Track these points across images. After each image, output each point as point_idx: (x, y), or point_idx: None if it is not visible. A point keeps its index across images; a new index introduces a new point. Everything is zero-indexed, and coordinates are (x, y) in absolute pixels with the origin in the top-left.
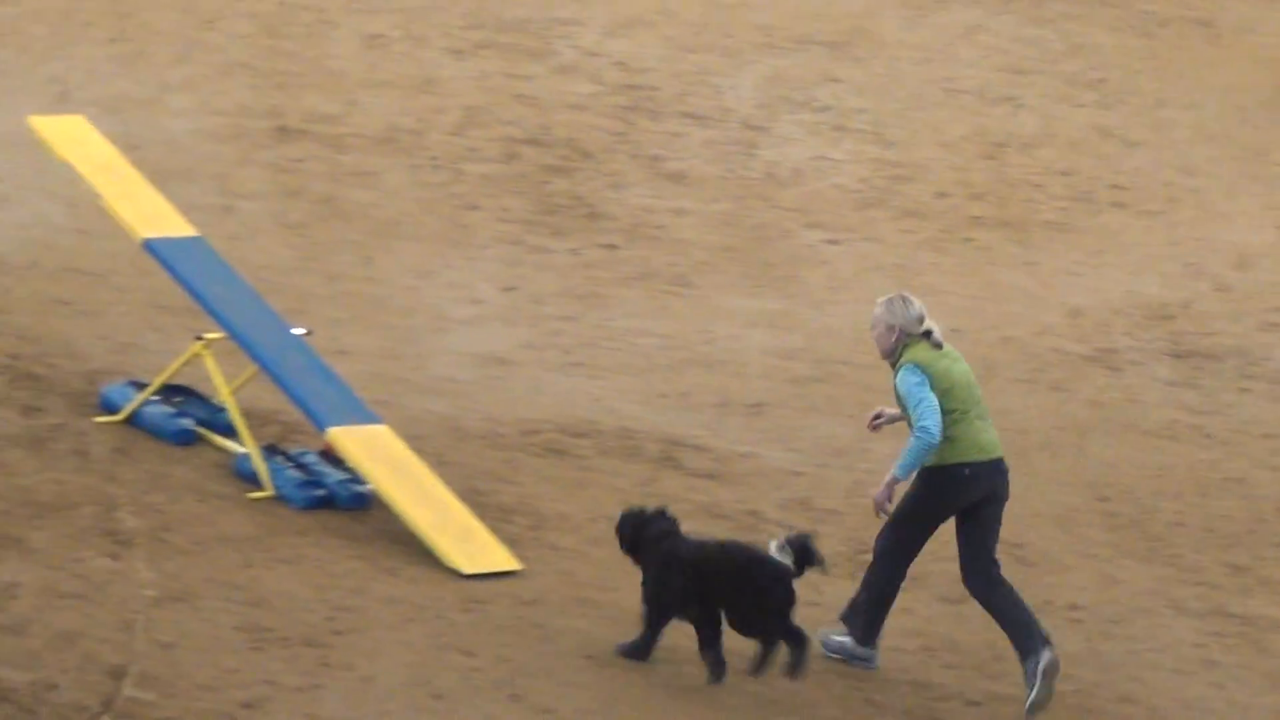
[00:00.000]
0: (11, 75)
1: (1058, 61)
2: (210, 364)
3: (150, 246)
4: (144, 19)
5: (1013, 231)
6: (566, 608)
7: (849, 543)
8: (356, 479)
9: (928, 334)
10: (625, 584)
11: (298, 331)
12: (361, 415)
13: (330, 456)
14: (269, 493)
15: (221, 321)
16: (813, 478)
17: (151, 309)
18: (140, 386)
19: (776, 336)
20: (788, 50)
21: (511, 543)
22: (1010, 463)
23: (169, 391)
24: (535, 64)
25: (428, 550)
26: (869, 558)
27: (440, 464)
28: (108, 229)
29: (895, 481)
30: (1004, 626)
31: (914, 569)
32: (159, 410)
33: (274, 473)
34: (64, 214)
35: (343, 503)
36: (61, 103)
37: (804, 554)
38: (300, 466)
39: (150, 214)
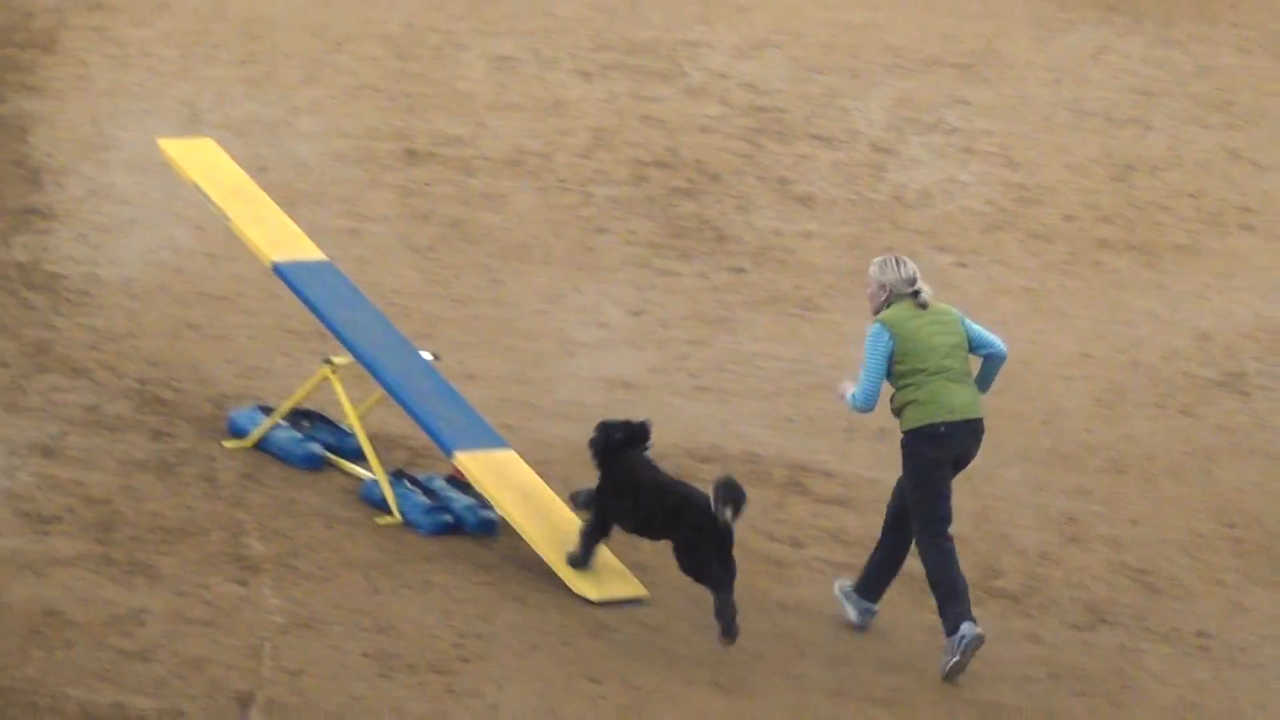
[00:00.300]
0: (141, 97)
1: (1186, 83)
2: (338, 388)
3: (279, 270)
4: (273, 41)
5: (1141, 254)
6: (694, 635)
7: (977, 568)
8: (484, 504)
9: (916, 294)
10: (752, 611)
11: (426, 356)
12: (489, 440)
13: (458, 482)
14: (396, 518)
15: (349, 346)
16: None
17: (280, 333)
18: (268, 411)
19: None
20: (916, 72)
21: (639, 569)
22: (1138, 488)
23: (297, 416)
24: (663, 86)
25: (555, 577)
26: (1000, 584)
27: (568, 489)
28: (236, 252)
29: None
30: (876, 555)
31: (1041, 597)
32: (287, 435)
33: (401, 498)
34: (192, 237)
35: (470, 528)
36: (191, 125)
37: (735, 500)
38: (428, 492)
39: (279, 237)
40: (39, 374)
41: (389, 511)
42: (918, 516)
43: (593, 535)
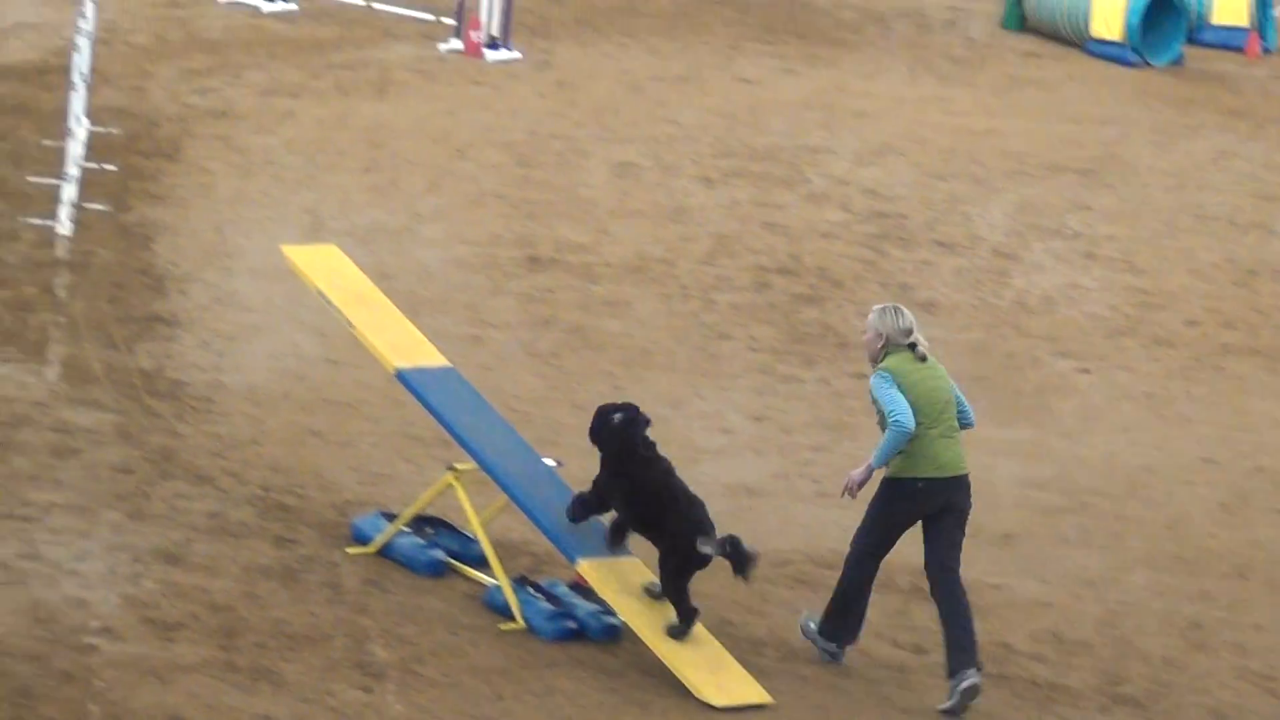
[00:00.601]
0: (266, 205)
1: None
2: (461, 495)
3: (402, 377)
4: (396, 148)
5: (1265, 360)
6: None
7: (1101, 675)
8: (607, 610)
9: (913, 346)
10: (878, 717)
11: (549, 463)
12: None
13: (581, 588)
14: (520, 624)
15: (472, 452)
16: (1063, 609)
17: (403, 439)
18: (391, 517)
19: (1027, 466)
20: (1038, 177)
21: (762, 675)
22: (1263, 593)
23: (420, 523)
24: (785, 192)
25: (679, 683)
26: (1124, 690)
27: (690, 595)
28: (359, 359)
29: (871, 469)
30: (944, 631)
31: (1166, 704)
32: (410, 541)
33: (525, 604)
34: (315, 344)
35: (593, 634)
36: (314, 232)
37: (738, 557)
38: (551, 598)
39: (402, 344)
40: (163, 481)
41: (512, 617)
42: (862, 543)
43: (586, 505)
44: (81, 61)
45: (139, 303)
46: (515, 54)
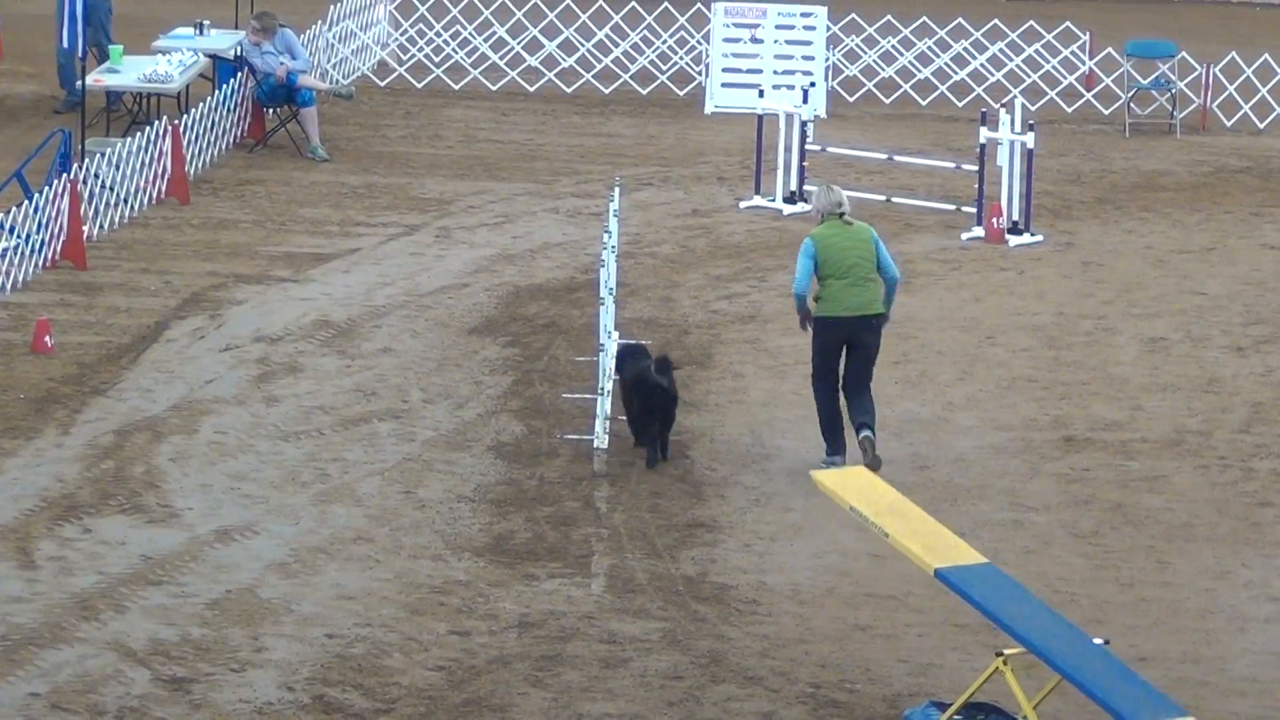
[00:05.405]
0: (799, 405)
1: None
2: (1011, 680)
3: (941, 576)
4: (925, 339)
5: None
6: None
7: None
8: None
9: (840, 215)
10: None
11: (1096, 642)
12: (1169, 711)
13: None
14: None
15: (1020, 638)
16: None
17: (949, 629)
18: (942, 707)
19: None
20: None
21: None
22: None
23: (972, 710)
24: None
25: None
26: None
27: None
28: (899, 552)
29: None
30: (849, 411)
31: None
32: None
33: None
34: (856, 540)
35: None
36: (847, 429)
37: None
38: None
39: (938, 545)
40: (714, 685)
41: None
42: (813, 369)
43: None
44: (609, 276)
45: (678, 510)
46: (1038, 237)
